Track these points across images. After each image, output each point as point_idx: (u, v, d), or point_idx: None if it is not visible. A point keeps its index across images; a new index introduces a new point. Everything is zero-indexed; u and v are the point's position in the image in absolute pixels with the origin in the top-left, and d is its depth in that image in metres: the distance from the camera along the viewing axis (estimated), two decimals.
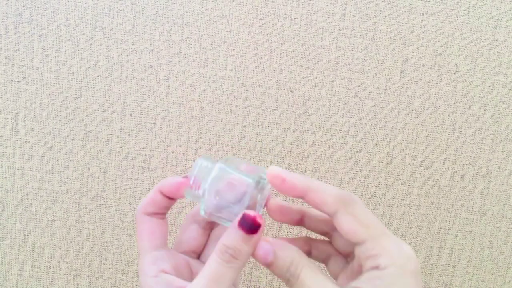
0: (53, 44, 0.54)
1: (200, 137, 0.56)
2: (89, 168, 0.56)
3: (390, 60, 0.55)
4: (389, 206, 0.57)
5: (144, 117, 0.55)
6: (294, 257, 0.30)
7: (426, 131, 0.56)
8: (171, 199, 0.35)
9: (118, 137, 0.55)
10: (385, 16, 0.54)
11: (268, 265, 0.30)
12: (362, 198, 0.57)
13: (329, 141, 0.56)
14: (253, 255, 0.30)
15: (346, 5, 0.54)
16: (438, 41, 0.55)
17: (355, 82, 0.55)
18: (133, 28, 0.54)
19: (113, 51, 0.54)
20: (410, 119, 0.56)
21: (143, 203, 0.35)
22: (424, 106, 0.56)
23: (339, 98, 0.55)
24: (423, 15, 0.54)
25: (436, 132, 0.56)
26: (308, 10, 0.54)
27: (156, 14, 0.54)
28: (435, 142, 0.56)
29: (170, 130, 0.55)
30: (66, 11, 0.54)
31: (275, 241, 0.31)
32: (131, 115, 0.55)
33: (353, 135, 0.56)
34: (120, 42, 0.54)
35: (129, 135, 0.55)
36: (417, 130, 0.56)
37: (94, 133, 0.55)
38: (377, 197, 0.57)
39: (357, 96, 0.55)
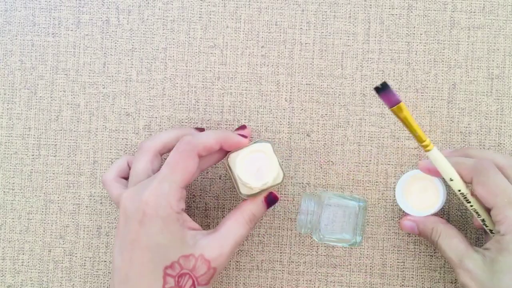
0: (5, 94, 0.44)
1: (194, 202, 0.44)
2: (50, 251, 0.44)
3: (432, 88, 0.43)
4: (450, 282, 0.43)
5: None
6: (433, 227, 0.39)
7: None
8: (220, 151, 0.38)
9: (87, 207, 0.44)
10: (421, 34, 0.43)
11: (418, 234, 0.41)
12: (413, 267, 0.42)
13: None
14: (402, 228, 0.41)
15: (369, 23, 0.43)
16: (493, 61, 0.43)
17: (390, 119, 0.43)
18: (103, 67, 0.44)
19: (79, 97, 0.44)
20: None
21: (203, 143, 0.36)
22: (484, 144, 0.43)
23: (371, 141, 0.43)
24: (469, 29, 0.43)
25: None
26: (322, 32, 0.43)
27: (132, 49, 0.44)
28: None
29: None
30: (21, 52, 0.44)
31: (417, 219, 0.40)
32: None
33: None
34: (88, 86, 0.44)
35: (101, 203, 0.44)
36: None
37: (57, 204, 0.44)
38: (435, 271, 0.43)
39: (394, 136, 0.43)
